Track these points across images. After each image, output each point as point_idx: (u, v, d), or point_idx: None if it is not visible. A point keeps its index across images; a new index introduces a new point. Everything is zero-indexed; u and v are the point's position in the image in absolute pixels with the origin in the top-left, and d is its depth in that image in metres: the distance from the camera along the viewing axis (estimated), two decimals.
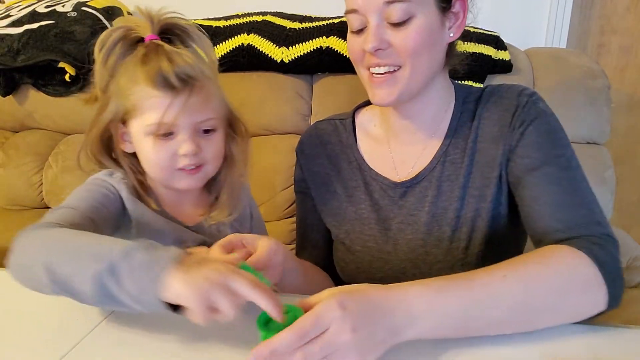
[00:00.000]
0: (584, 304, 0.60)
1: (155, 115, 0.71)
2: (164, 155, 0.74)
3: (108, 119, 0.75)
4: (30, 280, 0.62)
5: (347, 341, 0.51)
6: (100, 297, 0.55)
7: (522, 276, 0.59)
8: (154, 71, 0.70)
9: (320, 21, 1.41)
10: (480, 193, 0.78)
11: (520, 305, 0.58)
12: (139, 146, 0.76)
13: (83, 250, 0.58)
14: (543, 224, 0.70)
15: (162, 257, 0.54)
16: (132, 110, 0.73)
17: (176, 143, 0.73)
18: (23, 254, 0.63)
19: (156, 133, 0.72)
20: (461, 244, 0.79)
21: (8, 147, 1.46)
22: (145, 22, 0.74)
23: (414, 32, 0.72)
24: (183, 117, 0.72)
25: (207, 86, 0.74)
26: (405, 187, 0.83)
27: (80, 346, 0.60)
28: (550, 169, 0.72)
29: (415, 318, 0.55)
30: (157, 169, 0.76)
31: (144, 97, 0.72)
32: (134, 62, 0.72)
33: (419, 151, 0.84)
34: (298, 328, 0.50)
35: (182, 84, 0.71)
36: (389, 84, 0.75)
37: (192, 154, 0.73)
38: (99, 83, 0.76)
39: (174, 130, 0.73)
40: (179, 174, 0.76)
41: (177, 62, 0.70)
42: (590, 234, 0.66)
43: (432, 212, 0.80)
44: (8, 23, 1.43)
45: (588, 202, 0.70)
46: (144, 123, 0.73)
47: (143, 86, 0.71)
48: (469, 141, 0.80)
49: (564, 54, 1.41)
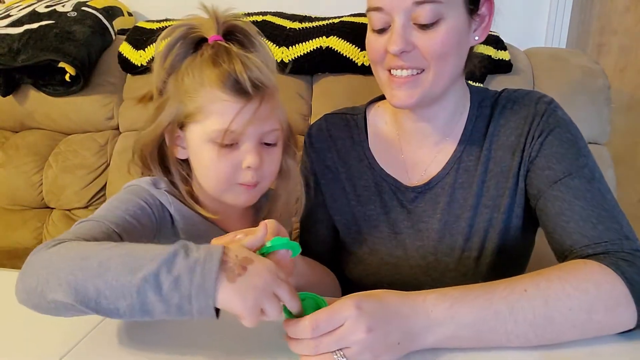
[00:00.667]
0: (610, 323, 0.58)
1: (222, 121, 0.66)
2: (225, 166, 0.68)
3: (167, 121, 0.70)
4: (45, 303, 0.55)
5: (361, 339, 0.51)
6: (135, 311, 0.51)
7: (544, 291, 0.57)
8: (226, 73, 0.65)
9: (320, 21, 1.41)
10: (494, 203, 0.77)
11: (540, 320, 0.56)
12: (197, 153, 0.70)
13: (113, 262, 0.52)
14: (569, 239, 0.67)
15: (207, 261, 0.50)
16: (194, 114, 0.68)
17: (240, 154, 0.68)
18: (35, 274, 0.56)
19: (220, 141, 0.67)
20: (473, 253, 0.77)
21: (8, 147, 1.46)
22: (211, 22, 0.70)
23: (442, 35, 0.69)
24: (252, 126, 0.67)
25: (275, 95, 0.71)
26: (416, 192, 0.81)
27: (80, 346, 0.60)
28: (574, 181, 0.69)
29: (433, 325, 0.55)
30: (215, 181, 0.70)
31: (211, 100, 0.67)
32: (200, 62, 0.68)
33: (432, 155, 0.81)
34: (312, 320, 0.51)
35: (255, 90, 0.66)
36: (410, 86, 0.72)
37: (256, 167, 0.68)
38: (155, 82, 0.72)
39: (239, 139, 0.68)
40: (237, 188, 0.71)
41: (250, 67, 0.66)
42: (618, 249, 0.63)
43: (444, 220, 0.79)
44: (8, 23, 1.42)
45: (615, 215, 0.67)
46: (208, 129, 0.67)
47: (211, 88, 0.66)
48: (483, 148, 0.78)
49: (564, 54, 1.41)
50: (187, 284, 0.50)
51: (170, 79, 0.71)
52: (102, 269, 0.52)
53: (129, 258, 0.52)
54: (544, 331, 0.56)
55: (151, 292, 0.50)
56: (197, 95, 0.67)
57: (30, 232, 1.42)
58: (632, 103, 1.89)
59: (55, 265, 0.54)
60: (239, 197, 0.72)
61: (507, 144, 0.77)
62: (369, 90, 1.26)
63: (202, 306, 0.50)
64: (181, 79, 0.69)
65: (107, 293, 0.51)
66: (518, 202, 0.76)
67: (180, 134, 0.72)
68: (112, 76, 1.44)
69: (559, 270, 0.60)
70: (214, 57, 0.67)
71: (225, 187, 0.71)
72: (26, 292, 0.56)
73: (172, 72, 0.71)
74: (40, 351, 0.60)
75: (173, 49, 0.70)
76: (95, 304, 0.51)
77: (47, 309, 0.56)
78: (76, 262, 0.53)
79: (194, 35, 0.70)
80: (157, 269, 0.50)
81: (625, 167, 1.91)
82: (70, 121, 1.45)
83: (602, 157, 1.32)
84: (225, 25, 0.70)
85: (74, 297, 0.52)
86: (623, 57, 1.84)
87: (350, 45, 1.30)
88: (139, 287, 0.50)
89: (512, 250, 0.77)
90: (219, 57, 0.67)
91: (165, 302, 0.50)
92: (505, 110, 0.78)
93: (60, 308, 0.54)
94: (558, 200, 0.69)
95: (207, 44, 0.69)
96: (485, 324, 0.56)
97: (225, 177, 0.69)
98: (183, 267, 0.50)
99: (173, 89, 0.70)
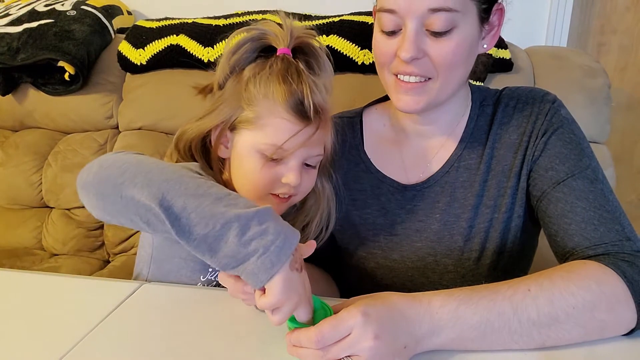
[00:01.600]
0: (612, 322, 0.57)
1: (277, 137, 0.67)
2: (266, 177, 0.70)
3: (220, 120, 0.71)
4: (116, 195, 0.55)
5: (368, 347, 0.51)
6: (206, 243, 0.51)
7: (547, 290, 0.57)
8: (294, 93, 0.66)
9: (320, 20, 1.40)
10: (495, 203, 0.76)
11: (544, 319, 0.56)
12: (242, 158, 0.71)
13: (212, 190, 0.54)
14: (570, 242, 0.67)
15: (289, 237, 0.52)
16: (250, 121, 0.69)
17: (282, 169, 0.70)
18: (121, 167, 0.56)
19: (269, 155, 0.68)
20: (473, 254, 0.76)
21: (7, 146, 1.46)
22: (285, 34, 0.71)
23: (454, 44, 0.67)
24: (303, 149, 0.69)
25: (329, 124, 0.73)
26: (415, 190, 0.79)
27: (80, 346, 0.60)
28: (577, 182, 0.69)
29: (438, 327, 0.55)
30: (252, 187, 0.71)
31: (272, 114, 0.68)
32: (269, 74, 0.68)
33: (431, 154, 0.80)
34: (318, 331, 0.51)
35: (315, 116, 0.68)
36: (417, 93, 0.71)
37: (294, 185, 0.70)
38: (219, 76, 0.73)
39: (286, 156, 0.69)
40: (270, 198, 0.72)
41: (316, 92, 0.67)
42: (619, 250, 0.63)
43: (443, 220, 0.78)
44: (7, 22, 1.42)
45: (617, 217, 0.66)
46: (260, 140, 0.68)
47: (276, 103, 0.67)
48: (486, 147, 0.77)
49: (565, 53, 1.41)
50: (268, 242, 0.51)
51: (232, 79, 0.72)
52: (200, 191, 0.53)
53: (227, 195, 0.54)
54: (548, 331, 0.56)
55: (234, 230, 0.51)
56: (258, 104, 0.68)
57: (30, 232, 1.42)
58: (632, 102, 1.90)
59: (149, 168, 0.56)
60: None
61: (509, 143, 0.76)
62: (369, 89, 1.26)
63: (266, 267, 0.50)
64: (245, 84, 0.70)
65: (193, 215, 0.52)
66: (519, 202, 0.75)
67: (229, 135, 0.72)
68: (112, 75, 1.44)
69: (561, 270, 0.60)
70: (284, 73, 0.68)
71: (261, 195, 0.72)
72: (98, 179, 0.57)
73: (234, 70, 0.72)
74: (40, 351, 0.60)
75: (241, 47, 0.71)
76: (174, 217, 0.52)
77: (112, 202, 0.56)
78: (174, 175, 0.55)
79: (265, 41, 0.71)
80: (253, 215, 0.52)
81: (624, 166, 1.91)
82: (70, 120, 1.45)
83: (602, 156, 1.32)
84: (298, 41, 0.72)
85: (158, 201, 0.52)
86: (623, 56, 1.84)
87: (351, 44, 1.30)
88: (228, 220, 0.51)
89: (513, 252, 0.77)
90: (289, 75, 0.67)
91: (238, 245, 0.51)
92: (507, 108, 0.78)
93: (129, 206, 0.55)
94: (560, 201, 0.69)
95: (276, 56, 0.70)
96: (490, 325, 0.55)
97: (263, 187, 0.71)
98: (272, 226, 0.52)
99: (234, 91, 0.71)
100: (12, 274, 0.79)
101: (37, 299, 0.71)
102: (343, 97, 1.31)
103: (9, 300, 0.71)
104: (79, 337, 0.61)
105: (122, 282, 0.78)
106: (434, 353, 0.57)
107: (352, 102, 0.95)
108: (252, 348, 0.59)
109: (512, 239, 0.76)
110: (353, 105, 0.94)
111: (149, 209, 0.53)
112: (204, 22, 1.46)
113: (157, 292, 0.73)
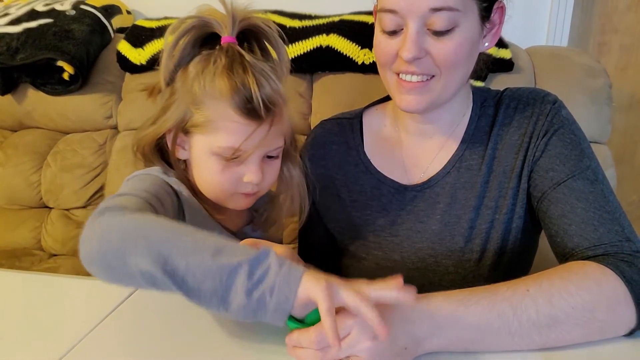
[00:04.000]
0: (612, 322, 0.58)
1: (231, 140, 0.66)
2: (227, 179, 0.69)
3: (171, 124, 0.69)
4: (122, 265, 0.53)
5: (367, 348, 0.51)
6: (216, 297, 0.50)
7: (546, 291, 0.57)
8: (240, 93, 0.64)
9: (321, 19, 1.40)
10: (496, 204, 0.76)
11: (544, 319, 0.55)
12: (200, 162, 0.70)
13: (208, 242, 0.52)
14: (570, 242, 0.67)
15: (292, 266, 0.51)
16: (202, 126, 0.67)
17: (243, 169, 0.69)
18: (120, 234, 0.54)
19: (226, 157, 0.67)
20: (474, 255, 0.76)
21: (7, 147, 1.45)
22: (227, 19, 0.67)
23: (456, 43, 0.67)
24: (260, 147, 0.68)
25: (284, 111, 0.70)
26: (415, 191, 0.79)
27: (80, 346, 0.60)
28: (577, 183, 0.69)
29: (438, 328, 0.55)
30: (216, 190, 0.71)
31: (221, 117, 0.65)
32: (213, 71, 0.65)
33: (432, 154, 0.80)
34: (317, 332, 0.51)
35: (267, 112, 0.66)
36: (420, 92, 0.71)
37: (257, 182, 0.70)
38: (163, 73, 0.70)
39: (244, 156, 0.68)
40: (236, 196, 0.72)
41: (264, 85, 0.65)
42: (619, 251, 0.63)
43: (444, 221, 0.77)
44: (7, 21, 1.42)
45: (617, 217, 0.66)
46: (214, 143, 0.67)
47: (224, 106, 0.65)
48: (488, 148, 0.77)
49: (565, 53, 1.41)
50: (273, 275, 0.49)
51: (179, 76, 0.69)
52: (197, 247, 0.51)
53: (222, 245, 0.52)
54: (548, 331, 0.56)
55: (241, 278, 0.49)
56: (207, 108, 0.66)
57: (29, 232, 1.41)
58: (632, 102, 1.90)
59: (147, 232, 0.53)
60: (238, 203, 0.74)
61: (510, 143, 0.76)
62: (369, 88, 1.26)
63: (281, 300, 0.49)
64: (190, 84, 0.67)
65: (197, 272, 0.50)
66: (520, 203, 0.75)
67: (184, 137, 0.71)
68: (111, 75, 1.44)
69: (560, 271, 0.60)
70: (229, 70, 0.64)
71: (225, 196, 0.72)
72: (102, 253, 0.54)
73: (179, 65, 0.69)
74: (40, 351, 0.59)
75: (182, 39, 0.67)
76: (180, 279, 0.50)
77: (119, 272, 0.54)
78: (170, 234, 0.53)
79: (207, 29, 0.68)
80: (254, 259, 0.50)
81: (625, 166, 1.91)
82: (69, 120, 1.45)
83: (603, 157, 1.32)
84: (243, 24, 0.68)
85: (161, 266, 0.50)
86: (624, 56, 1.84)
87: (351, 44, 1.30)
88: (232, 270, 0.49)
89: (514, 253, 0.76)
90: (234, 71, 0.64)
91: (249, 291, 0.49)
92: (509, 109, 0.78)
93: (135, 274, 0.53)
94: (560, 202, 0.69)
95: (220, 48, 0.67)
96: (489, 325, 0.55)
97: (227, 188, 0.70)
98: (274, 261, 0.50)
99: (181, 92, 0.68)
100: (11, 274, 0.79)
101: (36, 300, 0.71)
102: (343, 97, 1.31)
103: (8, 300, 0.71)
104: (78, 338, 0.61)
105: None
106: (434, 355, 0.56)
107: (352, 102, 0.95)
108: (252, 348, 0.59)
109: (512, 239, 0.76)
110: (353, 106, 0.93)
111: (155, 275, 0.51)
112: None
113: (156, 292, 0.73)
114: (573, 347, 0.57)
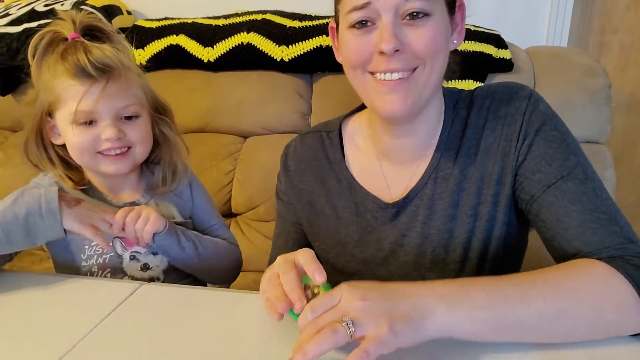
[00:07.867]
0: (619, 324, 0.56)
1: (76, 103, 0.77)
2: (85, 139, 0.79)
3: (38, 113, 0.81)
4: None
5: (358, 307, 0.51)
6: None
7: (553, 283, 0.55)
8: (72, 63, 0.76)
9: (320, 20, 1.40)
10: (474, 212, 0.73)
11: (552, 309, 0.54)
12: (65, 135, 0.81)
13: None
14: (570, 247, 0.65)
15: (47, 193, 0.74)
16: (55, 102, 0.79)
17: (99, 129, 0.79)
18: None
19: (77, 121, 0.78)
20: (456, 265, 0.74)
21: (7, 147, 1.45)
22: (68, 24, 0.80)
23: (433, 30, 0.65)
24: (102, 103, 0.77)
25: (126, 74, 0.81)
26: (397, 207, 0.77)
27: (80, 346, 0.60)
28: (567, 184, 0.66)
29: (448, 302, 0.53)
30: (79, 153, 0.81)
31: (64, 88, 0.77)
32: (54, 58, 0.78)
33: (413, 168, 0.77)
34: (310, 304, 0.53)
35: (99, 72, 0.76)
36: (403, 88, 0.67)
37: (114, 138, 0.79)
38: (34, 82, 0.82)
39: (96, 117, 0.79)
40: (103, 159, 0.81)
41: (94, 53, 0.76)
42: (624, 254, 0.61)
43: (424, 234, 0.75)
44: (7, 22, 1.42)
45: (613, 216, 0.64)
46: (67, 112, 0.78)
47: (63, 78, 0.77)
48: (459, 155, 0.74)
49: (565, 53, 1.41)
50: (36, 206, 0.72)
51: (34, 73, 0.82)
52: None
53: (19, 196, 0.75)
54: (556, 322, 0.55)
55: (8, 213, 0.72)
56: (54, 86, 0.78)
57: None
58: (632, 102, 1.90)
59: None
60: (109, 167, 0.82)
61: (485, 147, 0.73)
62: None
63: (51, 222, 0.73)
64: (43, 74, 0.80)
65: None
66: (502, 209, 0.72)
67: (52, 122, 0.82)
68: None
69: (566, 267, 0.59)
70: (63, 52, 0.77)
71: (90, 157, 0.81)
72: None
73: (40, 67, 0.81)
74: (40, 351, 0.60)
75: (38, 48, 0.80)
76: None
77: None
78: None
79: (57, 35, 0.80)
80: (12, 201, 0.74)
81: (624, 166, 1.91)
82: None
83: (603, 157, 1.32)
84: (82, 25, 0.81)
85: None
86: (624, 56, 1.84)
87: None
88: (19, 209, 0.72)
89: (497, 259, 0.74)
90: (67, 51, 0.77)
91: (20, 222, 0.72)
92: (482, 109, 0.74)
93: None
94: (553, 206, 0.66)
95: (61, 41, 0.80)
96: (495, 306, 0.54)
97: (87, 147, 0.80)
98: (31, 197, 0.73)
99: (37, 84, 0.81)
100: (11, 274, 0.79)
101: (36, 299, 0.71)
102: (343, 97, 1.31)
103: (8, 300, 0.71)
104: (79, 337, 0.61)
105: (122, 282, 0.78)
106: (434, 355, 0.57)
107: (352, 102, 0.94)
108: (252, 348, 0.59)
109: (495, 245, 0.74)
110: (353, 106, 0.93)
111: None
112: (204, 22, 1.46)
113: (156, 292, 0.73)
114: (573, 348, 0.57)
